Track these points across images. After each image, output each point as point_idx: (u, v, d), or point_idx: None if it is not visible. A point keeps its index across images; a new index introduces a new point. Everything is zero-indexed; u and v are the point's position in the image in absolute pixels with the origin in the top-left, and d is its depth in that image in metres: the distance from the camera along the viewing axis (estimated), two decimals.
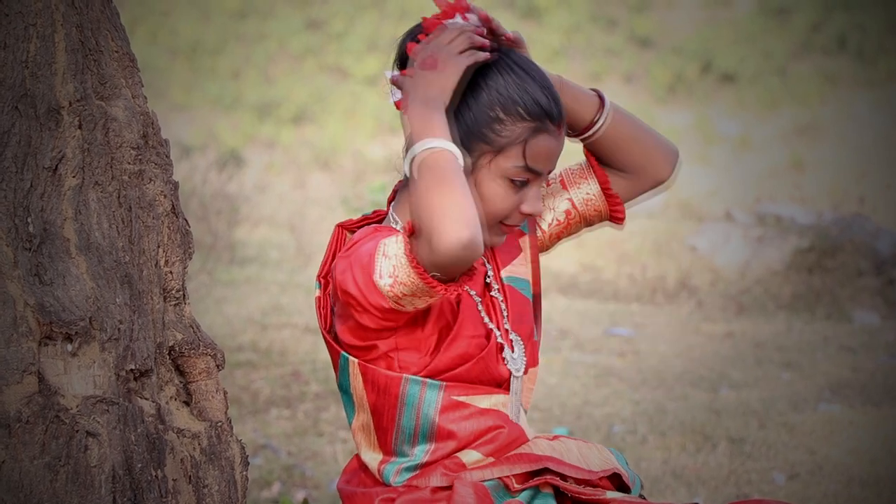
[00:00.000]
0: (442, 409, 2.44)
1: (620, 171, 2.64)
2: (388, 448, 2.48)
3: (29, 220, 2.23)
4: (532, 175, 2.43)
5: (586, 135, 2.60)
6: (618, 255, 12.29)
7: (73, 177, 2.29)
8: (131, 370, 2.29)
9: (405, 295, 2.30)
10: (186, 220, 2.49)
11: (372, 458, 2.50)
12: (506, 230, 2.49)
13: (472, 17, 2.49)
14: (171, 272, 2.43)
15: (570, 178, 2.67)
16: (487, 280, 2.56)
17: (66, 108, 2.30)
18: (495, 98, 2.42)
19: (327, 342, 2.51)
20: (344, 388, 2.50)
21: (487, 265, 2.57)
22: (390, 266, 2.29)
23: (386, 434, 2.47)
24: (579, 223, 2.68)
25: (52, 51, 2.30)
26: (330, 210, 15.15)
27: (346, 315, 2.43)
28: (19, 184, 2.24)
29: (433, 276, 2.26)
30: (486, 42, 2.42)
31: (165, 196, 2.43)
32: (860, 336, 8.46)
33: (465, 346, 2.45)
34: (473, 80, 2.44)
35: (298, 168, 21.03)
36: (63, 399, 2.20)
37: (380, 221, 2.58)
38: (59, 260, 2.25)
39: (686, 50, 26.96)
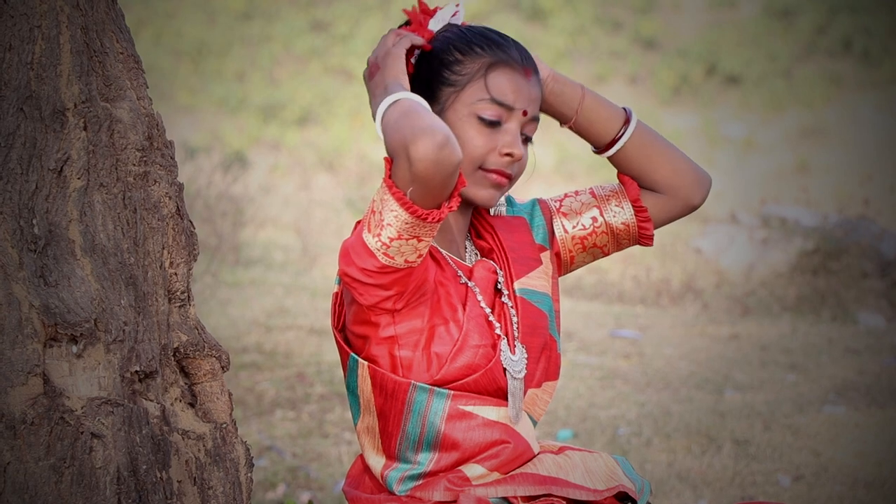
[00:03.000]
0: (448, 418, 2.43)
1: (651, 189, 2.63)
2: (391, 453, 2.47)
3: (34, 221, 2.23)
4: (501, 109, 2.44)
5: (610, 150, 2.60)
6: (623, 257, 12.28)
7: (78, 178, 2.29)
8: (136, 372, 2.29)
9: (392, 240, 2.28)
10: (191, 222, 2.49)
11: (376, 461, 2.49)
12: (492, 178, 2.46)
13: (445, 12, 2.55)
14: (175, 274, 2.43)
15: (602, 193, 2.66)
16: (498, 286, 2.54)
17: (71, 109, 2.30)
18: (451, 44, 2.47)
19: (337, 342, 2.50)
20: (351, 389, 2.49)
21: (499, 272, 2.54)
22: (377, 217, 2.29)
23: (391, 439, 2.46)
24: (605, 234, 2.64)
25: (57, 52, 2.30)
26: (335, 212, 15.17)
27: (349, 300, 2.43)
28: (24, 185, 2.24)
29: (414, 202, 2.25)
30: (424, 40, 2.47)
31: (170, 197, 2.43)
32: (865, 338, 8.45)
33: (471, 356, 2.43)
34: (433, 45, 2.49)
35: (303, 170, 21.05)
36: (68, 400, 2.20)
37: None
38: (63, 261, 2.25)
39: (691, 52, 26.96)
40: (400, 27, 2.55)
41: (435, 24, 2.52)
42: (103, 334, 2.24)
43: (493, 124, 2.44)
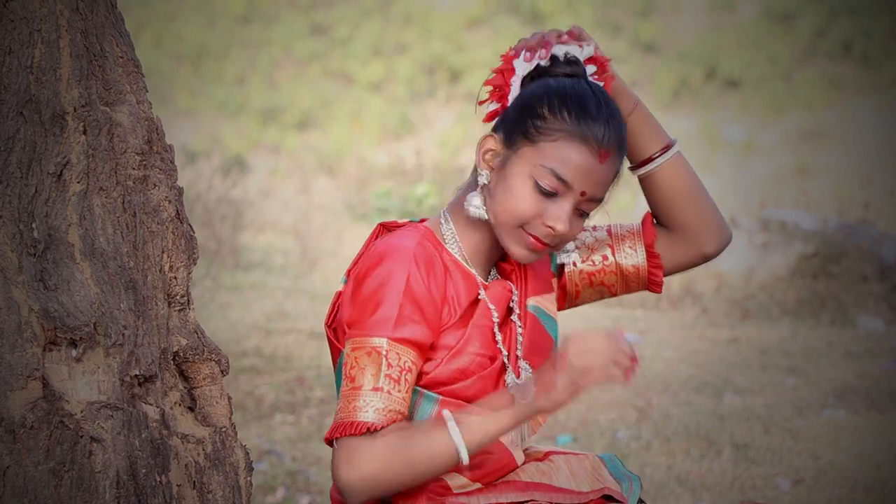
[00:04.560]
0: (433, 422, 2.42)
1: (670, 226, 2.60)
2: None
3: (34, 225, 2.23)
4: (560, 185, 2.37)
5: (642, 169, 2.57)
6: None
7: (78, 182, 2.29)
8: (135, 375, 2.29)
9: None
10: (191, 226, 2.49)
11: None
12: (530, 242, 2.41)
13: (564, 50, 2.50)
14: (175, 277, 2.43)
15: (618, 232, 2.64)
16: (511, 304, 2.52)
17: (71, 113, 2.30)
18: (549, 98, 2.40)
19: (329, 339, 2.49)
20: (340, 386, 2.49)
21: (514, 291, 2.53)
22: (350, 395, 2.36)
23: None
24: (615, 274, 2.62)
25: (57, 56, 2.30)
26: (334, 215, 15.17)
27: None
28: (24, 189, 2.24)
29: None
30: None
31: (170, 201, 2.43)
32: (864, 342, 8.45)
33: (466, 361, 2.42)
34: (541, 83, 2.44)
35: (303, 173, 21.07)
36: (67, 404, 2.20)
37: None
38: (63, 265, 2.25)
39: (691, 55, 26.97)
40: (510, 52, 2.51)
41: (559, 50, 2.48)
42: (103, 338, 2.24)
43: (548, 194, 2.38)
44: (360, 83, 26.40)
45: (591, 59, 2.51)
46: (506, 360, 2.47)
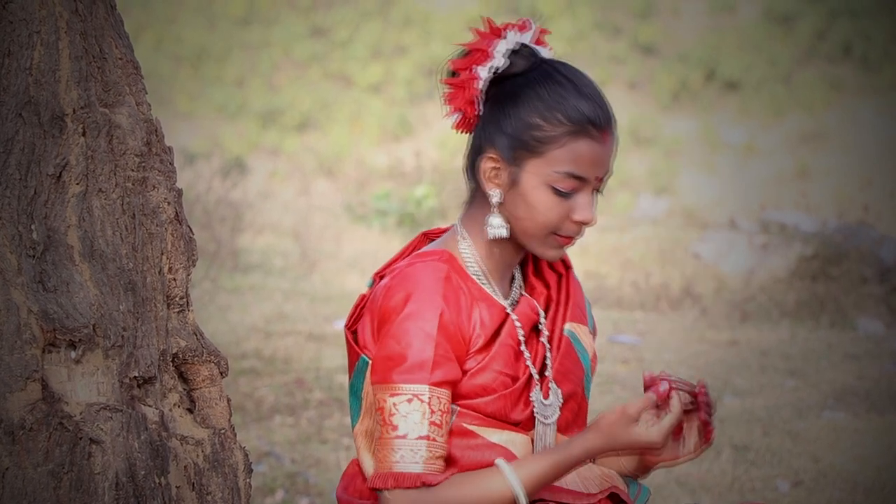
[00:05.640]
0: (450, 434, 2.42)
1: None
2: None
3: (33, 227, 2.23)
4: (577, 182, 2.38)
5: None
6: (622, 262, 12.29)
7: (77, 184, 2.29)
8: (135, 377, 2.29)
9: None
10: (190, 228, 2.48)
11: (370, 465, 2.47)
12: (562, 241, 2.43)
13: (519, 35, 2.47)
14: (174, 279, 2.42)
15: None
16: (539, 326, 2.51)
17: (70, 115, 2.30)
18: (535, 105, 2.38)
19: (348, 341, 2.48)
20: (355, 391, 2.47)
21: (541, 311, 2.52)
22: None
23: None
24: None
25: (56, 58, 2.30)
26: (334, 217, 15.17)
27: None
28: (23, 191, 2.24)
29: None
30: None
31: (169, 203, 2.42)
32: (864, 344, 8.46)
33: (489, 378, 2.41)
34: (515, 90, 2.41)
35: (302, 175, 21.07)
36: (67, 406, 2.20)
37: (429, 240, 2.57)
38: (62, 267, 2.25)
39: (690, 57, 26.99)
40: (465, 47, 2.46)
41: (504, 46, 2.45)
42: (102, 340, 2.24)
43: (568, 194, 2.39)
44: (360, 85, 26.42)
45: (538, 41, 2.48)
46: (535, 377, 2.47)
